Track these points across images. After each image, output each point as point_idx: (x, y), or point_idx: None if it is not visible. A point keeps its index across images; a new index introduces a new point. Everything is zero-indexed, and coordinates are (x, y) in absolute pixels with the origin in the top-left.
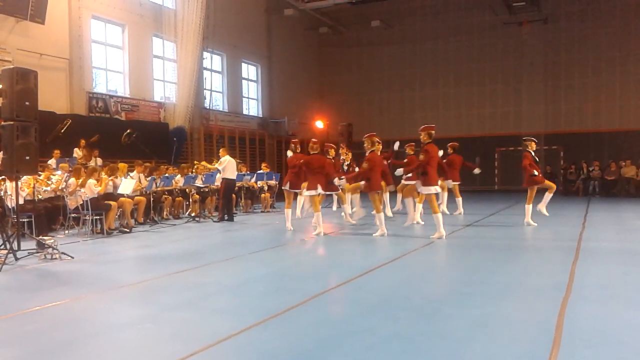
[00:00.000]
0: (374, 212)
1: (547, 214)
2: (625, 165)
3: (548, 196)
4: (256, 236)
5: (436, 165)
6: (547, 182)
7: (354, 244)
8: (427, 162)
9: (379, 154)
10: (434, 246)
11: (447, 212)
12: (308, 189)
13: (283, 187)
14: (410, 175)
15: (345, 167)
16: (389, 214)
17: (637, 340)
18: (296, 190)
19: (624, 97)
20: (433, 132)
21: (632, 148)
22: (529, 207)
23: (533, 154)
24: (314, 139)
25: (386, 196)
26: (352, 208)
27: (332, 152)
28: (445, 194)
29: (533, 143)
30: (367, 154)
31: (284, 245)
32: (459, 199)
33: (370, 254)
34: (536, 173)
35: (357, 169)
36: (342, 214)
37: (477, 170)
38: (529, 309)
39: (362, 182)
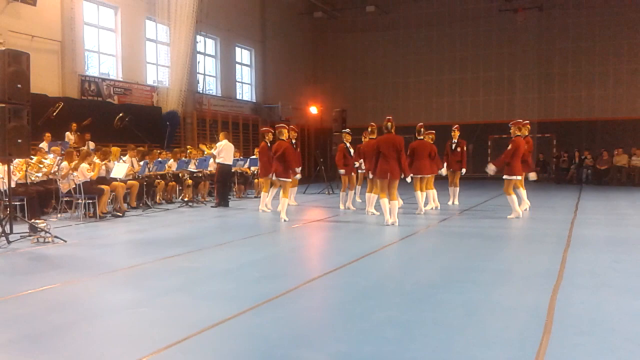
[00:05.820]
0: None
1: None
2: (618, 154)
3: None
4: (250, 221)
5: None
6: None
7: (347, 230)
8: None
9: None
10: (426, 233)
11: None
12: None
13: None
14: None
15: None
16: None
17: (627, 327)
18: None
19: (617, 86)
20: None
21: (624, 137)
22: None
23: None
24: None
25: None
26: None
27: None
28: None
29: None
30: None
31: (278, 231)
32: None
33: (364, 241)
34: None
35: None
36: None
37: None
38: (520, 296)
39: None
